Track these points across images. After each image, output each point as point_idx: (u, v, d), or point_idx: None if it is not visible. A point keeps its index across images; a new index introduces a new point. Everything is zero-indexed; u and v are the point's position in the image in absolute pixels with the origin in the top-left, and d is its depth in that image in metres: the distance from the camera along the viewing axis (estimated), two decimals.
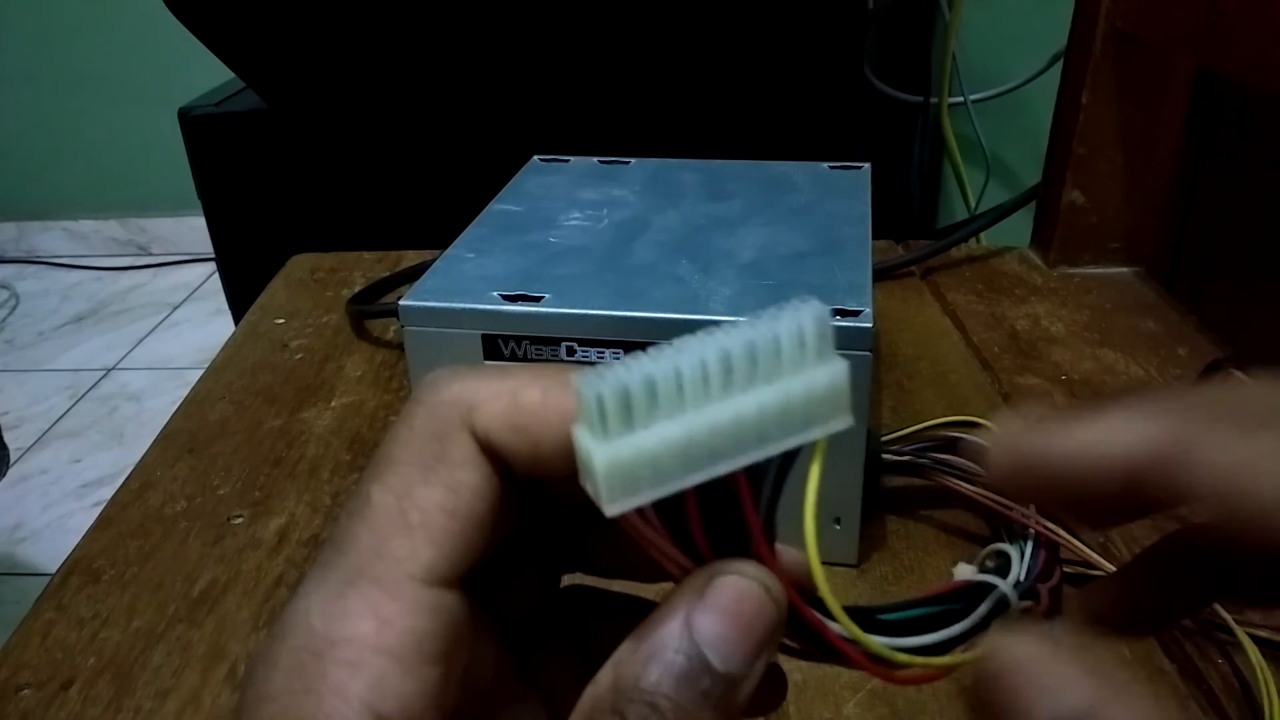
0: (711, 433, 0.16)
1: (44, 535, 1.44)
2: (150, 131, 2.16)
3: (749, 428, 0.16)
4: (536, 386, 0.18)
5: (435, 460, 0.18)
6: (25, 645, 0.39)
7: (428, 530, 0.17)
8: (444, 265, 0.43)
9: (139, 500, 0.47)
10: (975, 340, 0.57)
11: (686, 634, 0.17)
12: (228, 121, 1.07)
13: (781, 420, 0.17)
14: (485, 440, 0.18)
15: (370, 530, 0.17)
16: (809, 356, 0.17)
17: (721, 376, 0.16)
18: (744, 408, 0.16)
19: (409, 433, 0.18)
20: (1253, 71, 0.47)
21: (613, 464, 0.16)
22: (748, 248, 0.43)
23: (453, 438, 0.18)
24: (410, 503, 0.17)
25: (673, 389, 0.16)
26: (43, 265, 2.33)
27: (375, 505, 0.18)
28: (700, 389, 0.16)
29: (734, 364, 0.16)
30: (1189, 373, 0.53)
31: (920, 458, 0.41)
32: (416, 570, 0.17)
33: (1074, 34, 0.61)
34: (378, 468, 0.18)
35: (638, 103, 1.02)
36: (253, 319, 0.64)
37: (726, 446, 0.16)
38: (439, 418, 0.18)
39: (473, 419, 0.18)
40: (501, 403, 0.18)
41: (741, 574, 0.17)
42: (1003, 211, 0.67)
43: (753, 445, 0.17)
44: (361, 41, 0.97)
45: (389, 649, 0.17)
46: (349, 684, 0.16)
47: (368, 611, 0.17)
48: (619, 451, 0.16)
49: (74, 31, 2.14)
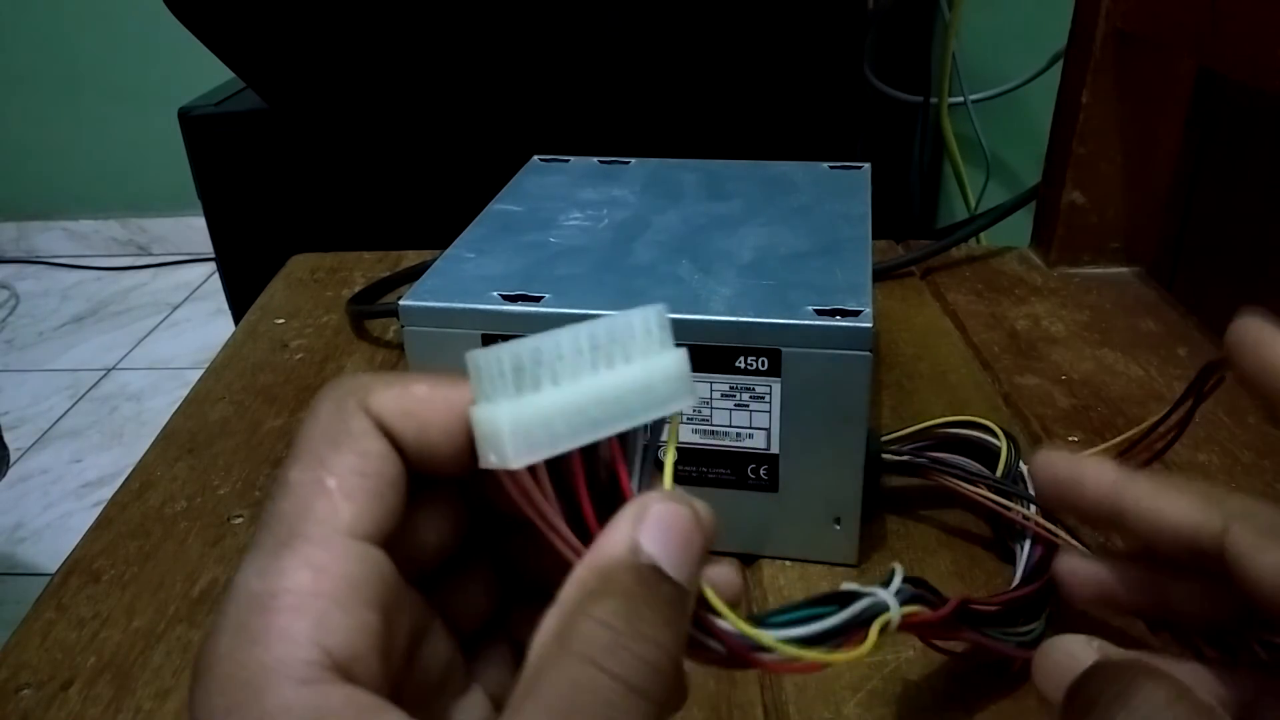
0: (591, 401, 0.19)
1: (44, 535, 1.44)
2: (150, 131, 2.16)
3: (619, 402, 0.20)
4: (425, 381, 0.20)
5: (340, 433, 0.20)
6: (25, 645, 0.39)
7: (344, 490, 0.19)
8: (444, 265, 0.43)
9: (139, 500, 0.47)
10: (975, 340, 0.57)
11: (634, 553, 0.18)
12: (228, 121, 1.07)
13: (643, 397, 0.20)
14: (379, 420, 0.20)
15: (292, 502, 0.19)
16: (655, 346, 0.20)
17: (590, 355, 0.20)
18: (614, 382, 0.20)
19: (313, 419, 0.20)
20: (1253, 71, 0.47)
21: (515, 421, 0.19)
22: (748, 248, 0.43)
23: (353, 415, 0.20)
24: (324, 469, 0.19)
25: (555, 360, 0.19)
26: (43, 265, 2.33)
27: (293, 483, 0.19)
28: (575, 366, 0.19)
29: (599, 344, 0.20)
30: (1189, 372, 0.52)
31: (920, 458, 0.41)
32: (340, 525, 0.19)
33: (1074, 34, 0.61)
34: (291, 456, 0.20)
35: (638, 103, 1.02)
36: (253, 319, 0.64)
37: (602, 416, 0.19)
38: (338, 400, 0.20)
39: (367, 400, 0.20)
40: (393, 390, 0.20)
41: (668, 499, 0.19)
42: (1003, 211, 0.67)
43: (622, 417, 0.20)
44: (361, 41, 0.97)
45: (327, 593, 0.18)
46: (294, 626, 0.17)
47: (302, 564, 0.18)
48: (520, 410, 0.19)
49: (74, 31, 2.14)
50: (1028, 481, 0.39)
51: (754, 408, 0.38)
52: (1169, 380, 0.52)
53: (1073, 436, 0.48)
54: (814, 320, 0.36)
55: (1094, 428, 0.48)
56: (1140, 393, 0.51)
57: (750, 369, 0.37)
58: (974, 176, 1.13)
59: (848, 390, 0.37)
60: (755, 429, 0.38)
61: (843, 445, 0.38)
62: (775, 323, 0.36)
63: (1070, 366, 0.54)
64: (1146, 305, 0.60)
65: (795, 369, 0.37)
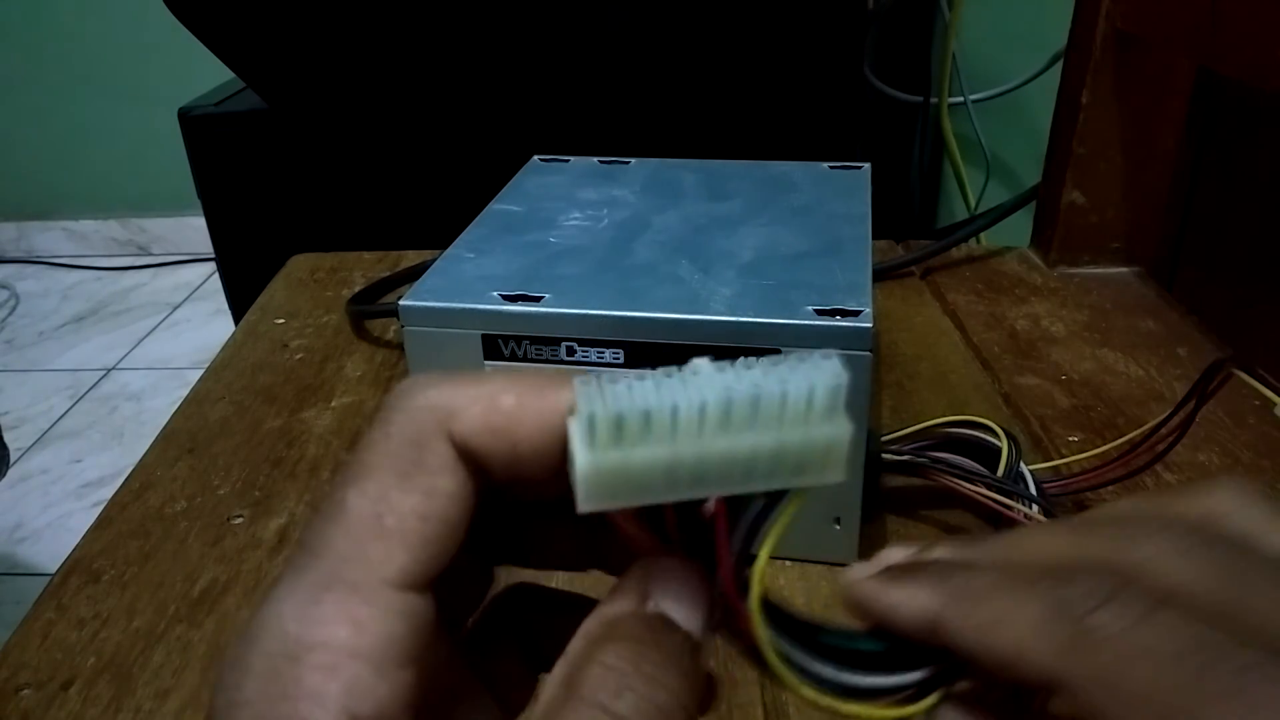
0: (698, 462, 0.16)
1: (44, 535, 1.44)
2: (150, 131, 2.16)
3: (737, 465, 0.17)
4: (512, 392, 0.18)
5: (412, 466, 0.18)
6: (25, 645, 0.39)
7: (403, 535, 0.17)
8: (444, 265, 0.43)
9: (139, 500, 0.47)
10: (975, 340, 0.57)
11: (642, 604, 0.18)
12: (228, 121, 1.07)
13: (771, 465, 0.17)
14: (463, 445, 0.18)
15: (345, 535, 0.18)
16: (815, 415, 0.17)
17: (720, 418, 0.16)
18: (736, 448, 0.17)
19: (385, 439, 0.18)
20: (1253, 71, 0.47)
21: (595, 471, 0.16)
22: (748, 248, 0.43)
23: (430, 444, 0.18)
24: (386, 507, 0.18)
25: (667, 423, 0.16)
26: (43, 265, 2.33)
27: (351, 510, 0.18)
28: (695, 426, 0.16)
29: (734, 410, 0.16)
30: (1189, 372, 0.53)
31: (920, 458, 0.41)
32: (391, 575, 0.17)
33: (1074, 34, 0.61)
34: (353, 472, 0.18)
35: (638, 103, 1.02)
36: (253, 319, 0.64)
37: (711, 477, 0.17)
38: (416, 423, 0.18)
39: (450, 425, 0.18)
40: (479, 407, 0.18)
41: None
42: (1003, 211, 0.67)
43: (737, 481, 0.17)
44: (361, 41, 0.97)
45: (364, 653, 0.17)
46: (325, 688, 0.17)
47: (343, 616, 0.17)
48: (603, 461, 0.16)
49: (74, 31, 2.14)
50: (1028, 481, 0.39)
51: None
52: (1169, 380, 0.52)
53: (1073, 436, 0.48)
54: (814, 320, 0.36)
55: (1094, 428, 0.48)
56: (1140, 393, 0.51)
57: None
58: (974, 176, 1.13)
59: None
60: None
61: None
62: (775, 323, 0.36)
63: (1070, 366, 0.54)
64: (1146, 305, 0.60)
65: None
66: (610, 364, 0.39)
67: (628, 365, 0.38)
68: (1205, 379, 0.33)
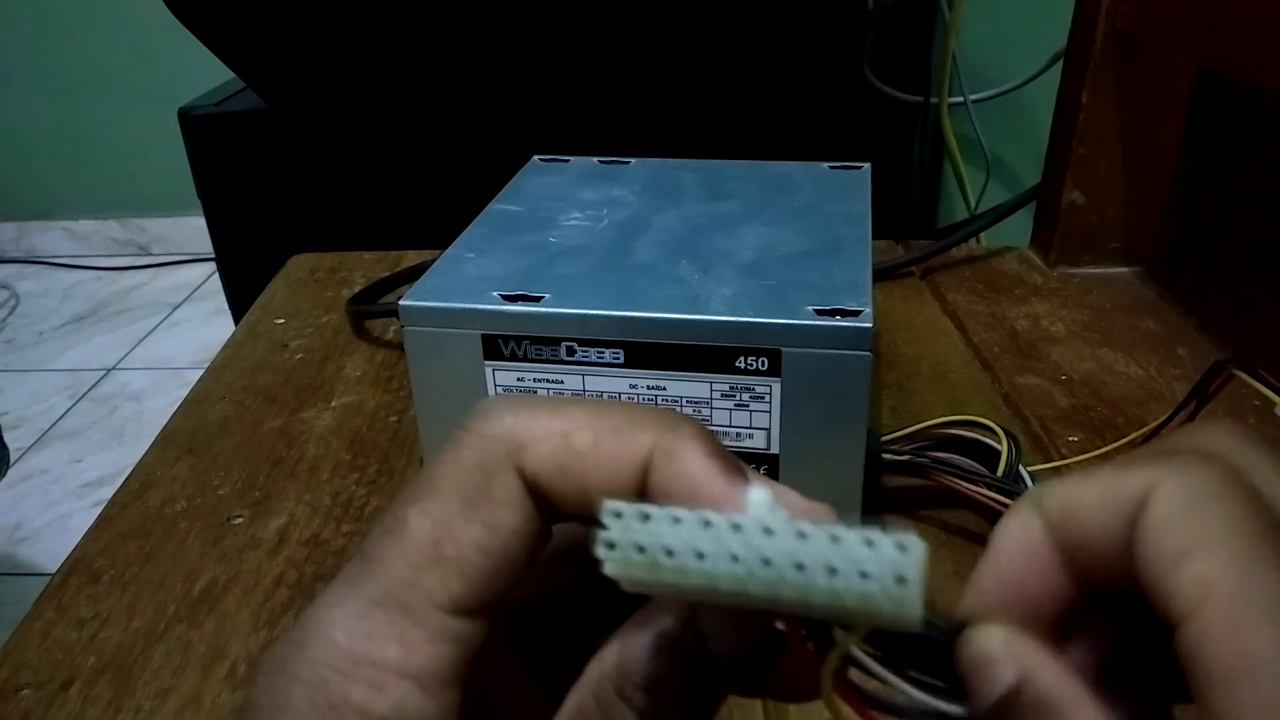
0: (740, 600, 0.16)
1: (44, 535, 1.44)
2: (150, 131, 2.16)
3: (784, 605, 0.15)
4: (590, 430, 0.18)
5: (478, 495, 0.18)
6: (25, 645, 0.39)
7: (460, 566, 0.17)
8: (444, 265, 0.43)
9: (139, 500, 0.47)
10: (975, 340, 0.57)
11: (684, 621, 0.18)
12: (228, 121, 1.07)
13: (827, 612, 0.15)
14: (532, 480, 0.18)
15: (402, 556, 0.17)
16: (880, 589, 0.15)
17: (767, 590, 0.15)
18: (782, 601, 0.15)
19: (455, 462, 0.18)
20: (1253, 71, 0.47)
21: (629, 581, 0.16)
22: (748, 248, 0.43)
23: (498, 475, 0.18)
24: (447, 534, 0.17)
25: (704, 587, 0.15)
26: (43, 265, 2.33)
27: (411, 530, 0.17)
28: (739, 585, 0.15)
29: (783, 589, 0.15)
30: (1189, 372, 0.53)
31: (920, 458, 0.41)
32: (445, 602, 0.17)
33: (1074, 34, 0.61)
34: (418, 490, 0.18)
35: (638, 103, 1.02)
36: (253, 319, 0.64)
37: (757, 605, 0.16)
38: (487, 451, 0.18)
39: (521, 458, 0.18)
40: (552, 444, 0.18)
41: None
42: (1003, 211, 0.67)
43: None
44: (361, 41, 0.98)
45: (413, 673, 0.17)
46: (373, 706, 0.17)
47: (394, 636, 0.17)
48: (633, 574, 0.16)
49: (74, 31, 2.14)
50: (1028, 481, 0.39)
51: (754, 408, 0.38)
52: (1169, 380, 0.52)
53: (1073, 436, 0.48)
54: (814, 320, 0.36)
55: (1094, 428, 0.48)
56: (1140, 393, 0.51)
57: (750, 369, 0.37)
58: (974, 176, 1.13)
59: (848, 390, 0.37)
60: (755, 429, 0.38)
61: (843, 445, 0.38)
62: (775, 323, 0.36)
63: (1070, 366, 0.54)
64: (1146, 305, 0.60)
65: (795, 369, 0.37)
66: (610, 364, 0.39)
67: (628, 365, 0.39)
68: (1206, 380, 0.33)
